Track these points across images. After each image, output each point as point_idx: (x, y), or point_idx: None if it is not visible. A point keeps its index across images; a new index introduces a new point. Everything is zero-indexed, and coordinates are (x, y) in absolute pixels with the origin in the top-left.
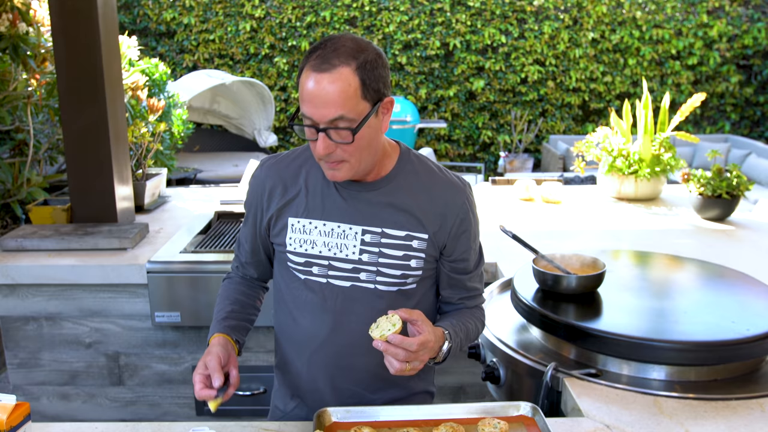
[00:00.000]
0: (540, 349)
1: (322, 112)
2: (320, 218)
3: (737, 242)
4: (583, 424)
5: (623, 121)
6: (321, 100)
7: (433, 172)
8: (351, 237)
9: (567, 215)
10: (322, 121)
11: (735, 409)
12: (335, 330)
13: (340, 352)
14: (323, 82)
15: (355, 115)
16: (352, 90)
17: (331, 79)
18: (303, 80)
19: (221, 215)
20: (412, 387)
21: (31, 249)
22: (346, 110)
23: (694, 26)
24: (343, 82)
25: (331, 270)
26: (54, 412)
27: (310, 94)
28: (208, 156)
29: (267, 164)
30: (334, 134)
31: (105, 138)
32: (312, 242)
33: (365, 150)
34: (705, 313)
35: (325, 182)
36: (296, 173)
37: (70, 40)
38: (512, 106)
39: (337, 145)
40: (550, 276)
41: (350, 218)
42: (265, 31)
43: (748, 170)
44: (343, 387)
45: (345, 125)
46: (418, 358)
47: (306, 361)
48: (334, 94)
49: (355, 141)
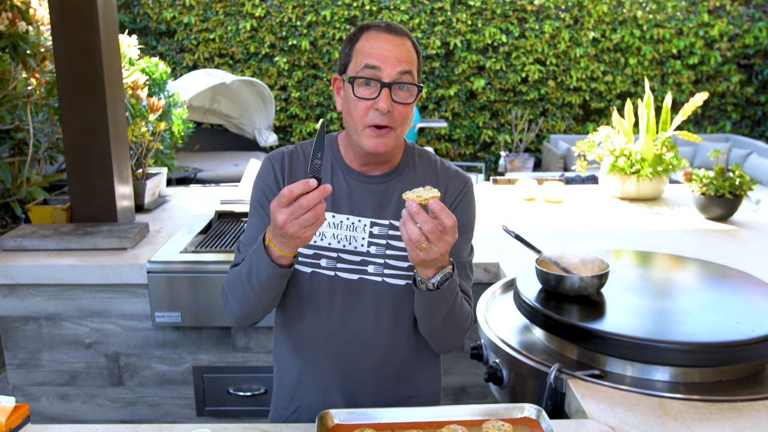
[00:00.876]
0: (543, 350)
1: (393, 64)
2: (330, 210)
3: (740, 242)
4: (588, 425)
5: (625, 120)
6: (393, 55)
7: (436, 164)
8: (360, 229)
9: (569, 215)
10: (389, 76)
11: (741, 410)
12: (343, 324)
13: (346, 347)
14: (396, 40)
15: (417, 78)
16: (415, 58)
17: (402, 41)
18: (367, 41)
19: (222, 215)
20: (419, 386)
21: (30, 249)
22: (414, 68)
23: (695, 25)
24: (410, 48)
25: (340, 263)
26: (54, 412)
27: (382, 49)
28: (209, 155)
29: (274, 157)
30: (395, 94)
31: (105, 137)
32: (321, 234)
33: (408, 121)
34: (709, 314)
35: (333, 174)
36: (304, 165)
37: (70, 39)
38: (513, 106)
39: (395, 107)
40: (553, 276)
41: (359, 210)
42: (265, 30)
43: (749, 170)
44: (348, 384)
45: (410, 80)
46: (442, 243)
47: (311, 358)
48: (406, 53)
49: (410, 105)
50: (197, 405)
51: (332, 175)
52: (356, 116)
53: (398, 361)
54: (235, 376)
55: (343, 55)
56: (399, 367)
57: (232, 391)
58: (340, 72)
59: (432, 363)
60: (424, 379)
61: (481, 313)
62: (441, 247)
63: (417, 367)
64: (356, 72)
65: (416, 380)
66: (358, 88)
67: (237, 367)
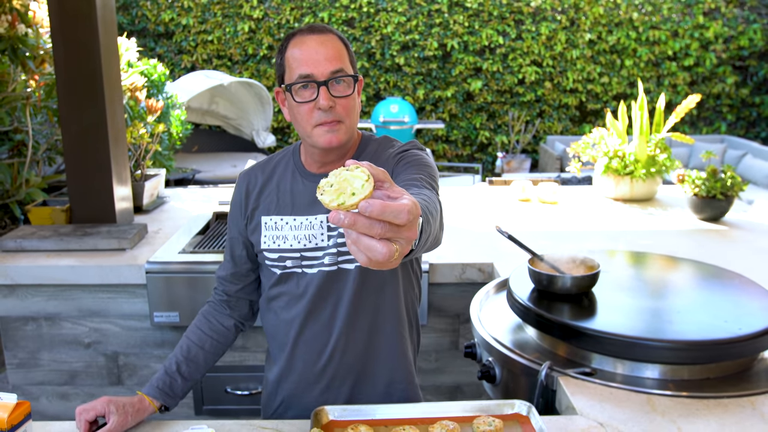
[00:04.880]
0: (535, 348)
1: (324, 66)
2: (290, 214)
3: (732, 242)
4: (577, 422)
5: (619, 122)
6: (322, 55)
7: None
8: (317, 226)
9: (563, 216)
10: (323, 75)
11: (727, 407)
12: (309, 316)
13: (316, 339)
14: (321, 38)
15: (352, 69)
16: (343, 51)
17: (326, 38)
18: (294, 48)
19: (219, 216)
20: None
21: (30, 249)
22: (344, 65)
23: (691, 27)
24: (336, 43)
25: (304, 260)
26: (53, 411)
27: (310, 52)
28: (207, 156)
29: (243, 173)
30: (333, 88)
31: (104, 139)
32: (284, 237)
33: (355, 112)
34: (698, 313)
35: (294, 180)
36: (269, 175)
37: (68, 41)
38: (510, 107)
39: (336, 102)
40: (545, 276)
41: (317, 209)
42: (263, 31)
43: (744, 171)
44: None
45: (344, 75)
46: (407, 231)
47: (287, 355)
48: (333, 49)
49: (351, 96)
50: (195, 404)
51: (292, 179)
52: (303, 120)
53: (364, 344)
54: (232, 375)
55: (278, 67)
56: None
57: (230, 389)
58: (279, 84)
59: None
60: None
61: (475, 313)
62: (411, 235)
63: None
64: (292, 80)
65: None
66: (297, 93)
67: (234, 366)
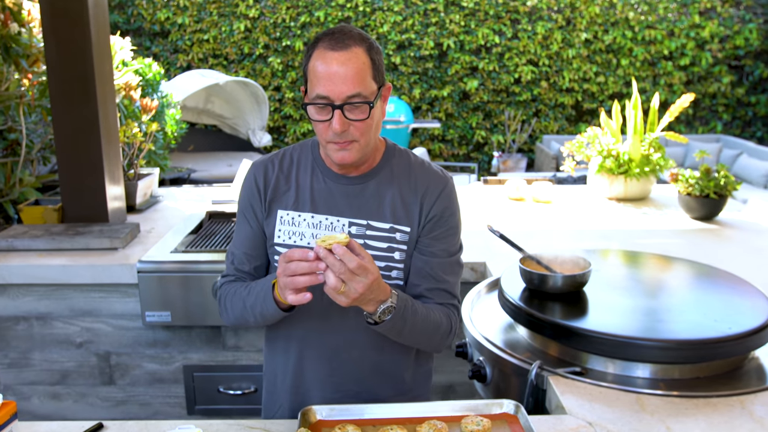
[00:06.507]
0: (527, 348)
1: (341, 89)
2: (309, 210)
3: (725, 242)
4: (566, 421)
5: (613, 121)
6: (339, 77)
7: (414, 164)
8: (339, 229)
9: (557, 215)
10: (339, 98)
11: (716, 406)
12: (323, 322)
13: (329, 343)
14: (342, 57)
15: (368, 94)
16: (366, 68)
17: (348, 57)
18: (316, 61)
19: (212, 215)
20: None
21: (21, 249)
22: (362, 88)
23: (687, 27)
24: (358, 61)
25: None
26: (45, 411)
27: (327, 73)
28: (203, 156)
29: (257, 163)
30: (349, 112)
31: (96, 138)
32: (300, 234)
33: (373, 130)
34: (690, 312)
35: (314, 176)
36: (288, 169)
37: (61, 40)
38: (506, 106)
39: (350, 124)
40: (536, 275)
41: (338, 210)
42: (259, 31)
43: (740, 170)
44: (332, 379)
45: (361, 101)
46: (355, 282)
47: (294, 354)
48: (351, 71)
49: (368, 119)
50: (188, 404)
51: (312, 176)
52: (319, 134)
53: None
54: (225, 374)
55: (304, 68)
56: (376, 359)
57: (223, 389)
58: (304, 83)
59: (423, 368)
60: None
61: (466, 312)
62: (357, 287)
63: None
64: (310, 98)
65: (406, 381)
66: (313, 112)
67: (227, 366)
